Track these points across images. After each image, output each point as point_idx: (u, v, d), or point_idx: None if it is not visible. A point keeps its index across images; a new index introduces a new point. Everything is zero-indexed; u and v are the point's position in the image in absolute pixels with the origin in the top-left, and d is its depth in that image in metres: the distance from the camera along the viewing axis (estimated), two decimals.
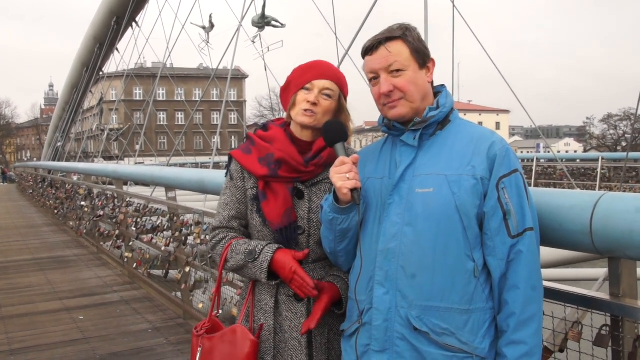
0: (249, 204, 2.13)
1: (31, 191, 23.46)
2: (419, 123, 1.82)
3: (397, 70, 1.81)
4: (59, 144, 31.53)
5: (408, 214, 1.75)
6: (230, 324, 2.17)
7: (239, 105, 70.96)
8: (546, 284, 1.91)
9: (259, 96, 74.89)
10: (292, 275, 1.96)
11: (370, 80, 1.88)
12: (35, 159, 64.23)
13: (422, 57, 1.85)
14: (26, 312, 6.30)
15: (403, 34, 1.83)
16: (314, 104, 2.03)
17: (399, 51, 1.81)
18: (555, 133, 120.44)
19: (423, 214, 1.73)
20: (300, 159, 2.06)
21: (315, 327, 1.98)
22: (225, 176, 2.21)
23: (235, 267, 2.09)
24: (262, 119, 70.88)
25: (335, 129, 1.96)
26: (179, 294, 6.15)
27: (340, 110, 2.09)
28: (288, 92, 2.12)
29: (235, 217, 2.15)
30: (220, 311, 4.48)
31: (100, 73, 27.55)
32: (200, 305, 5.37)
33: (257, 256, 2.01)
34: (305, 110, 2.04)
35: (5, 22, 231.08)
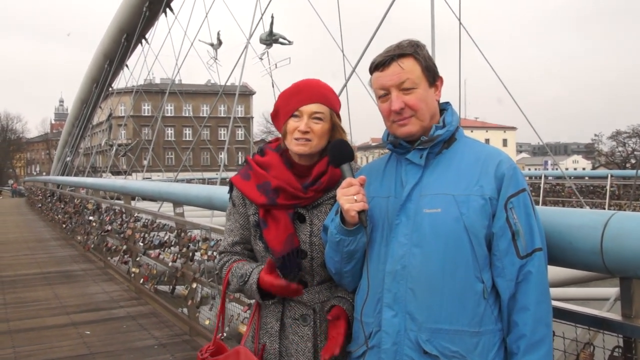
0: (251, 229, 2.12)
1: (40, 205, 23.54)
2: (426, 142, 1.80)
3: (409, 88, 1.79)
4: (68, 158, 31.70)
5: (416, 235, 1.73)
6: (237, 341, 2.16)
7: (246, 121, 71.26)
8: (556, 303, 1.89)
9: (266, 112, 74.99)
10: (276, 290, 1.93)
11: (379, 96, 1.85)
12: (44, 173, 64.52)
13: (432, 75, 1.83)
14: (33, 326, 6.29)
15: (414, 51, 1.81)
16: (306, 132, 1.99)
17: (411, 68, 1.79)
18: (563, 150, 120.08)
19: (431, 234, 1.71)
20: (298, 185, 2.03)
21: (339, 352, 1.93)
22: (229, 201, 2.20)
23: (235, 289, 2.10)
24: (269, 135, 71.11)
25: (341, 149, 1.91)
26: (185, 310, 6.14)
27: (334, 129, 2.05)
28: (278, 120, 2.09)
29: (238, 242, 2.15)
30: (227, 328, 4.48)
31: (110, 89, 27.78)
32: (207, 322, 5.36)
33: (247, 279, 2.01)
34: (298, 139, 2.00)
35: (17, 38, 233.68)
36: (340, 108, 2.10)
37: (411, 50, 1.81)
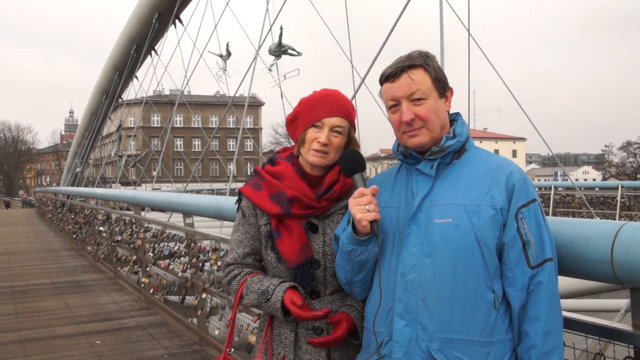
0: (263, 240, 2.11)
1: (50, 215, 23.66)
2: (436, 152, 1.81)
3: (419, 99, 1.80)
4: (77, 169, 31.91)
5: (427, 245, 1.74)
6: (247, 352, 2.16)
7: (255, 132, 71.53)
8: (567, 314, 1.89)
9: (275, 123, 75.34)
10: (300, 318, 1.96)
11: (389, 107, 1.86)
12: (54, 184, 64.94)
13: (442, 86, 1.84)
14: (45, 335, 6.33)
15: (424, 62, 1.82)
16: (325, 144, 1.99)
17: (421, 79, 1.80)
18: (573, 161, 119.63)
19: (442, 244, 1.72)
20: (312, 195, 2.03)
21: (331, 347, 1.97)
22: (237, 212, 2.18)
23: (250, 305, 2.08)
24: (278, 145, 71.27)
25: (353, 159, 1.92)
26: (195, 320, 6.15)
27: (349, 142, 2.06)
28: (296, 126, 2.08)
29: (249, 253, 2.13)
30: (236, 338, 4.48)
31: (119, 100, 27.96)
32: (217, 332, 5.37)
33: (269, 297, 1.98)
34: (316, 150, 2.00)
35: (29, 50, 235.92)
36: (355, 121, 2.10)
37: (421, 61, 1.82)
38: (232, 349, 2.32)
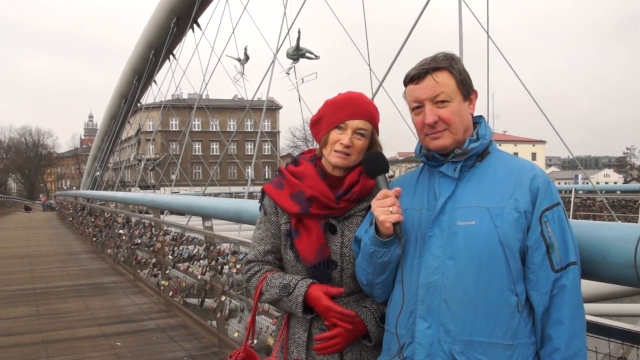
0: (282, 238, 2.13)
1: (71, 219, 23.93)
2: (459, 155, 1.80)
3: (443, 101, 1.79)
4: (97, 173, 32.21)
5: (450, 247, 1.74)
6: (265, 354, 2.17)
7: (273, 135, 71.68)
8: (589, 317, 1.88)
9: (293, 127, 75.58)
10: (327, 313, 1.97)
11: (412, 109, 1.86)
12: (74, 188, 65.59)
13: (467, 89, 1.84)
14: (66, 337, 6.40)
15: (449, 64, 1.82)
16: (348, 146, 2.01)
17: (445, 82, 1.80)
18: (593, 164, 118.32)
19: (465, 247, 1.71)
20: (332, 195, 2.04)
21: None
22: (259, 210, 2.22)
23: (270, 300, 2.10)
24: (296, 149, 71.42)
25: (376, 161, 1.93)
26: (214, 322, 6.19)
27: (372, 145, 2.07)
28: (319, 127, 2.10)
29: (270, 251, 2.16)
30: (255, 341, 4.49)
31: (138, 104, 28.20)
32: (236, 334, 5.39)
33: (291, 290, 2.01)
34: (338, 151, 2.02)
35: (49, 55, 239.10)
36: (378, 123, 2.11)
37: (446, 63, 1.82)
38: (256, 341, 2.34)
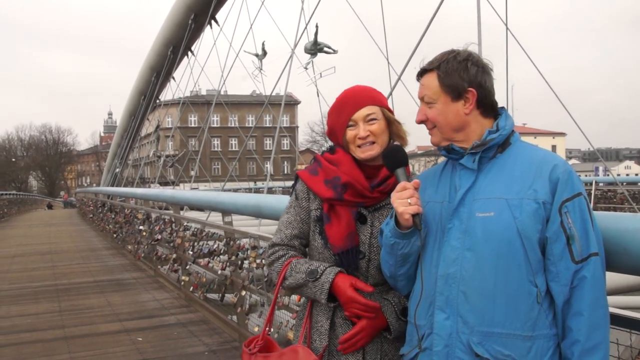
0: (311, 224, 2.15)
1: (91, 215, 24.19)
2: (478, 146, 1.80)
3: (428, 103, 1.86)
4: (117, 169, 32.47)
5: (468, 239, 1.74)
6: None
7: (291, 131, 71.69)
8: (611, 309, 1.86)
9: (311, 122, 75.63)
10: (350, 304, 1.98)
11: None
12: (94, 185, 66.35)
13: (454, 91, 1.82)
14: (88, 332, 6.49)
15: (439, 65, 1.84)
16: (367, 136, 2.04)
17: (429, 84, 1.85)
18: (614, 156, 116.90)
19: (483, 238, 1.71)
20: (367, 183, 2.06)
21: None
22: (290, 195, 2.24)
23: (294, 284, 2.09)
24: (314, 144, 71.45)
25: (395, 154, 1.96)
26: (234, 317, 6.22)
27: (390, 123, 2.11)
28: (336, 135, 2.14)
29: (297, 236, 2.17)
30: (276, 335, 4.51)
31: (157, 101, 28.35)
32: (256, 329, 5.42)
33: (318, 276, 2.01)
34: (361, 145, 2.06)
35: (68, 53, 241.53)
36: (387, 101, 2.15)
37: (436, 64, 1.84)
38: (276, 335, 2.35)
